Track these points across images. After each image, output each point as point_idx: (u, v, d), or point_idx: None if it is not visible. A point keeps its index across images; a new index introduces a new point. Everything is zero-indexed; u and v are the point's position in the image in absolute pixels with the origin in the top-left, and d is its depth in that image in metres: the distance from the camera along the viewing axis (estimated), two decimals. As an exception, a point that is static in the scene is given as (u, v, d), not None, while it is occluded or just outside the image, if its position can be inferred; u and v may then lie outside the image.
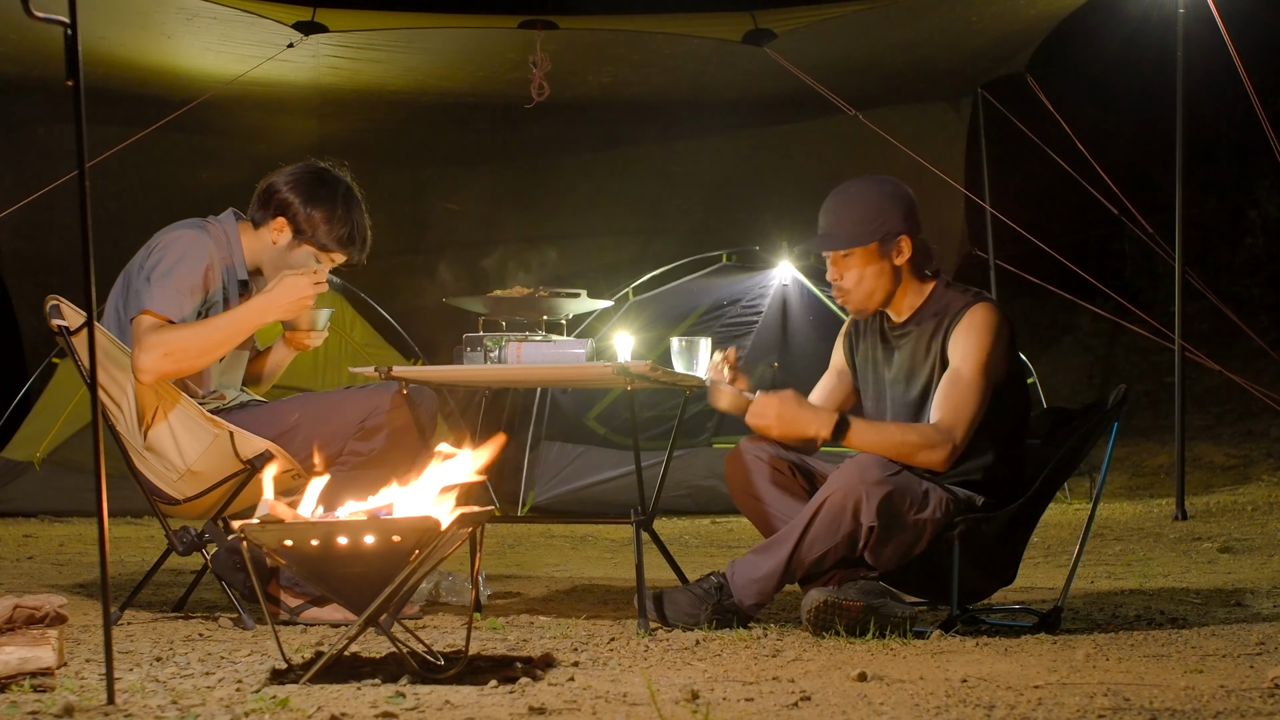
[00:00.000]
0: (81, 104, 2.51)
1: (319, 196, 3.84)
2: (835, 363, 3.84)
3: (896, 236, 3.57)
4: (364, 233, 3.91)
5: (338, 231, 3.84)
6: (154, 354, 3.59)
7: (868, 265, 3.57)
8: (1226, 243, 11.95)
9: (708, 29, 7.78)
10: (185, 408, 3.67)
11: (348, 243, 3.86)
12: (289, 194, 3.83)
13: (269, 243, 3.85)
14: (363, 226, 3.90)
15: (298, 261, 3.82)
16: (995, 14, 7.65)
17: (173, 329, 3.63)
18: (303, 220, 3.82)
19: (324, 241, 3.84)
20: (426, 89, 8.54)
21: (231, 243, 3.84)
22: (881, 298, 3.61)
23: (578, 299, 3.89)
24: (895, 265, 3.59)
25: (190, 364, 3.67)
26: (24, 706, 2.44)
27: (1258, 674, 2.83)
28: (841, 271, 3.61)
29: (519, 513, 7.76)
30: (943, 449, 3.44)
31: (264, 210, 3.86)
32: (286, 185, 3.85)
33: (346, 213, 3.86)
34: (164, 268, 3.68)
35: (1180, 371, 7.04)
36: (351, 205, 3.88)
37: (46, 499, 7.54)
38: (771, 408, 3.47)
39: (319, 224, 3.83)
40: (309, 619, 3.67)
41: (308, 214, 3.82)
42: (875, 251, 3.57)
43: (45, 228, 8.27)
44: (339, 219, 3.84)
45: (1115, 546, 5.90)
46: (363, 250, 3.92)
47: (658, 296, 8.40)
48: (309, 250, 3.84)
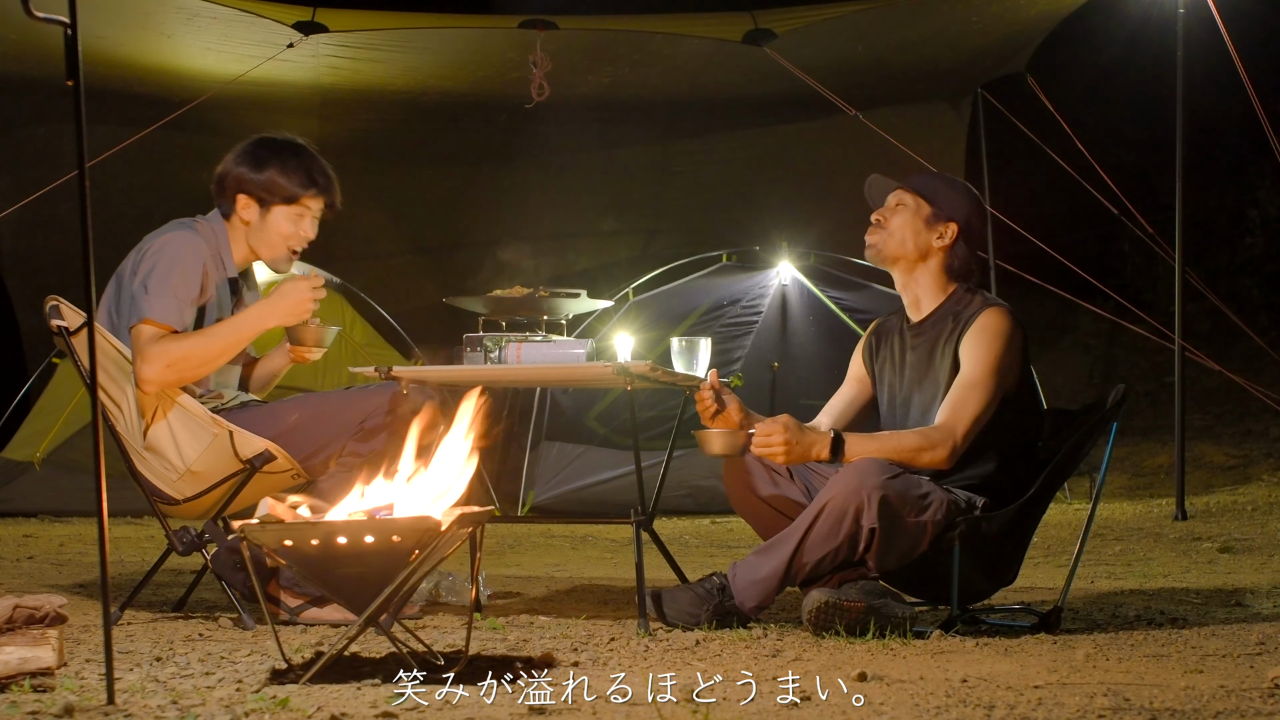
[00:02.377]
0: (81, 104, 2.51)
1: (264, 158, 3.85)
2: (854, 371, 3.85)
3: (948, 220, 3.64)
4: (324, 171, 3.91)
5: (296, 179, 3.84)
6: (157, 365, 3.60)
7: (911, 222, 3.66)
8: (1226, 243, 11.96)
9: (708, 29, 7.78)
10: (185, 407, 3.67)
11: (310, 183, 3.86)
12: (237, 169, 3.85)
13: (244, 225, 3.85)
14: (320, 166, 3.91)
15: (277, 227, 3.83)
16: (995, 14, 7.65)
17: (175, 339, 3.64)
18: (260, 186, 3.83)
19: (289, 193, 3.84)
20: (426, 89, 8.54)
21: (220, 240, 3.84)
22: (901, 256, 3.67)
23: (578, 299, 3.89)
24: (932, 244, 3.64)
25: (193, 373, 3.69)
26: (24, 706, 2.44)
27: (1258, 674, 2.83)
28: (888, 214, 3.69)
29: (519, 513, 7.76)
30: (944, 448, 3.45)
31: (224, 197, 3.87)
32: (233, 163, 3.87)
33: (298, 160, 3.87)
34: (160, 273, 3.67)
35: (1180, 371, 7.04)
36: (300, 152, 3.89)
37: (46, 499, 7.53)
38: (777, 436, 3.46)
39: (276, 180, 3.84)
40: (309, 619, 3.67)
41: (262, 178, 3.83)
42: (925, 216, 3.66)
43: (45, 228, 8.27)
44: (292, 167, 3.85)
45: (1115, 546, 5.90)
46: (330, 188, 3.90)
47: (658, 296, 8.40)
48: (282, 210, 3.84)
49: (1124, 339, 11.06)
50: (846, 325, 7.90)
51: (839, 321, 8.01)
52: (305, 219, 3.87)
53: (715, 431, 3.54)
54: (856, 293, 8.11)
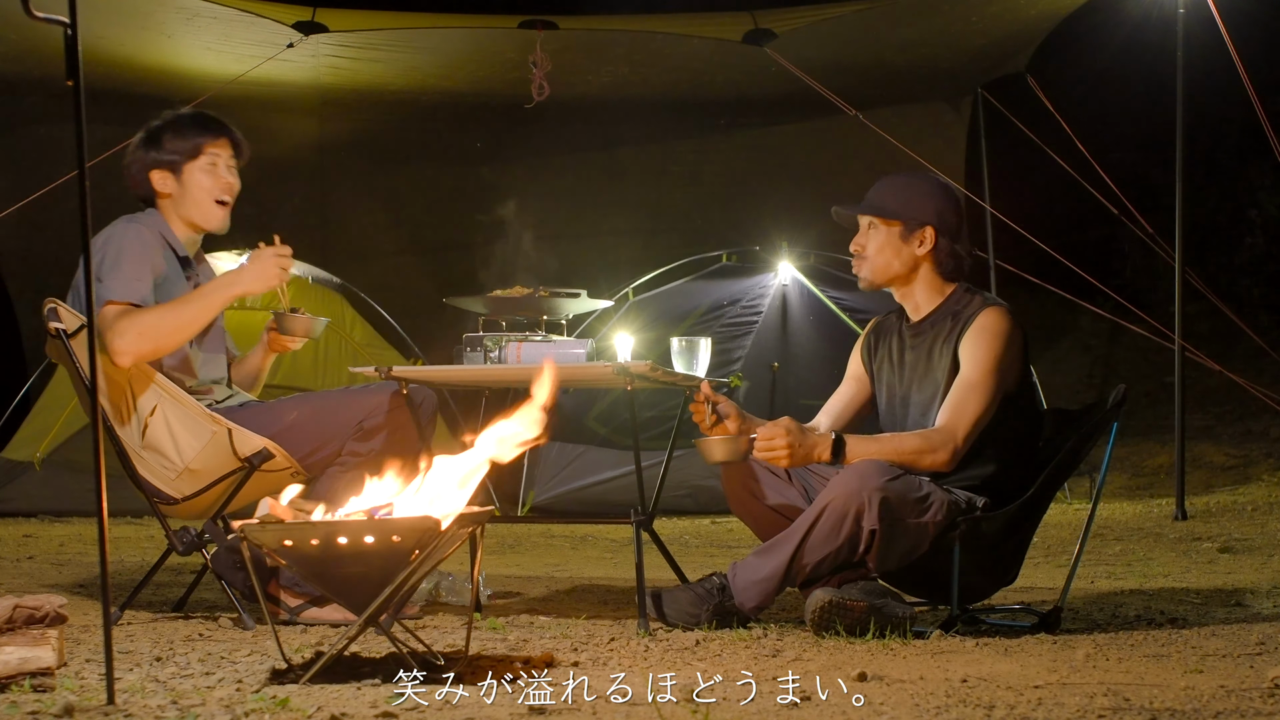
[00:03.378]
0: (81, 104, 2.51)
1: (156, 132, 3.90)
2: (852, 370, 3.84)
3: (922, 226, 3.61)
4: (216, 119, 3.95)
5: (191, 132, 3.88)
6: (128, 336, 3.59)
7: (888, 242, 3.63)
8: (1226, 243, 11.95)
9: (708, 29, 7.78)
10: (184, 405, 3.67)
11: (205, 130, 3.89)
12: (137, 153, 3.89)
13: (169, 200, 3.88)
14: (211, 116, 3.96)
15: (196, 183, 3.86)
16: (995, 14, 7.65)
17: (141, 311, 3.65)
18: (162, 156, 3.87)
19: (189, 145, 3.87)
20: (426, 89, 8.54)
21: (160, 225, 3.87)
22: (891, 278, 3.66)
23: (578, 299, 3.89)
24: (914, 253, 3.62)
25: (165, 342, 3.68)
26: (24, 706, 2.44)
27: (1258, 674, 2.83)
28: (864, 241, 3.67)
29: (519, 513, 7.76)
30: (945, 450, 3.45)
31: (140, 186, 3.90)
32: (133, 150, 3.90)
33: (188, 118, 3.93)
34: (111, 260, 3.69)
35: (1180, 371, 7.04)
36: (188, 114, 3.95)
37: (46, 499, 7.53)
38: (779, 439, 3.45)
39: (172, 141, 3.88)
40: (309, 619, 3.67)
41: (159, 148, 3.87)
42: (898, 232, 3.63)
43: (45, 228, 8.27)
44: (184, 124, 3.90)
45: (1115, 546, 5.90)
46: (226, 129, 3.93)
47: (658, 296, 8.40)
48: (194, 167, 3.86)
49: (1124, 339, 11.05)
50: (846, 325, 7.90)
51: (839, 321, 8.01)
52: (219, 166, 3.90)
53: (716, 439, 3.53)
54: (856, 293, 8.02)
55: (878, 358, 3.76)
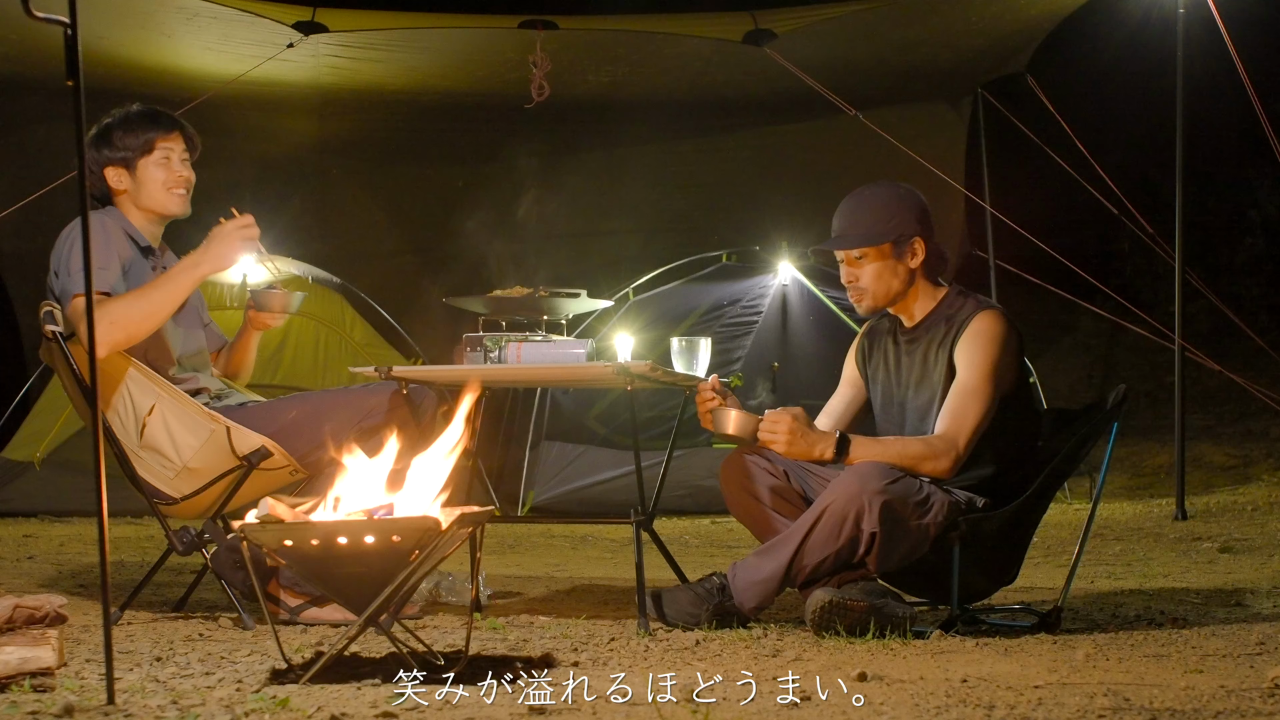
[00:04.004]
0: (81, 104, 2.51)
1: (107, 130, 3.90)
2: (847, 375, 3.83)
3: (910, 239, 3.60)
4: (166, 113, 3.96)
5: (140, 127, 3.89)
6: (100, 325, 3.57)
7: (882, 266, 3.59)
8: (1226, 243, 11.95)
9: (708, 29, 7.78)
10: (182, 404, 3.67)
11: (153, 125, 3.90)
12: (91, 154, 3.88)
13: (126, 196, 3.88)
14: (159, 110, 3.96)
15: (151, 178, 3.87)
16: (995, 14, 7.65)
17: (111, 300, 3.65)
18: (115, 152, 3.87)
19: (141, 141, 3.88)
20: (426, 89, 8.54)
21: (120, 220, 3.87)
22: (893, 298, 3.63)
23: (578, 299, 3.89)
24: (909, 267, 3.61)
25: (138, 329, 3.67)
26: (24, 706, 2.44)
27: (1258, 674, 2.83)
28: (856, 273, 3.62)
29: (519, 513, 7.75)
30: (946, 457, 3.45)
31: (95, 183, 3.90)
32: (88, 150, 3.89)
33: (136, 114, 3.92)
34: (75, 253, 3.69)
35: (1180, 371, 7.04)
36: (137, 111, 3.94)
37: (46, 499, 7.53)
38: (783, 424, 3.46)
39: (122, 138, 3.88)
40: (309, 619, 3.67)
41: (111, 146, 3.88)
42: (889, 252, 3.59)
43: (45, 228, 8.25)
44: (134, 120, 3.90)
45: (1115, 546, 5.90)
46: (176, 123, 3.94)
47: (658, 296, 8.39)
48: (148, 162, 3.87)
49: (1124, 339, 11.06)
50: (846, 325, 7.90)
51: (839, 321, 8.01)
52: (172, 159, 3.90)
53: (732, 410, 3.54)
54: (857, 292, 8.10)
55: (872, 363, 3.76)
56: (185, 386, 3.79)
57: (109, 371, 3.65)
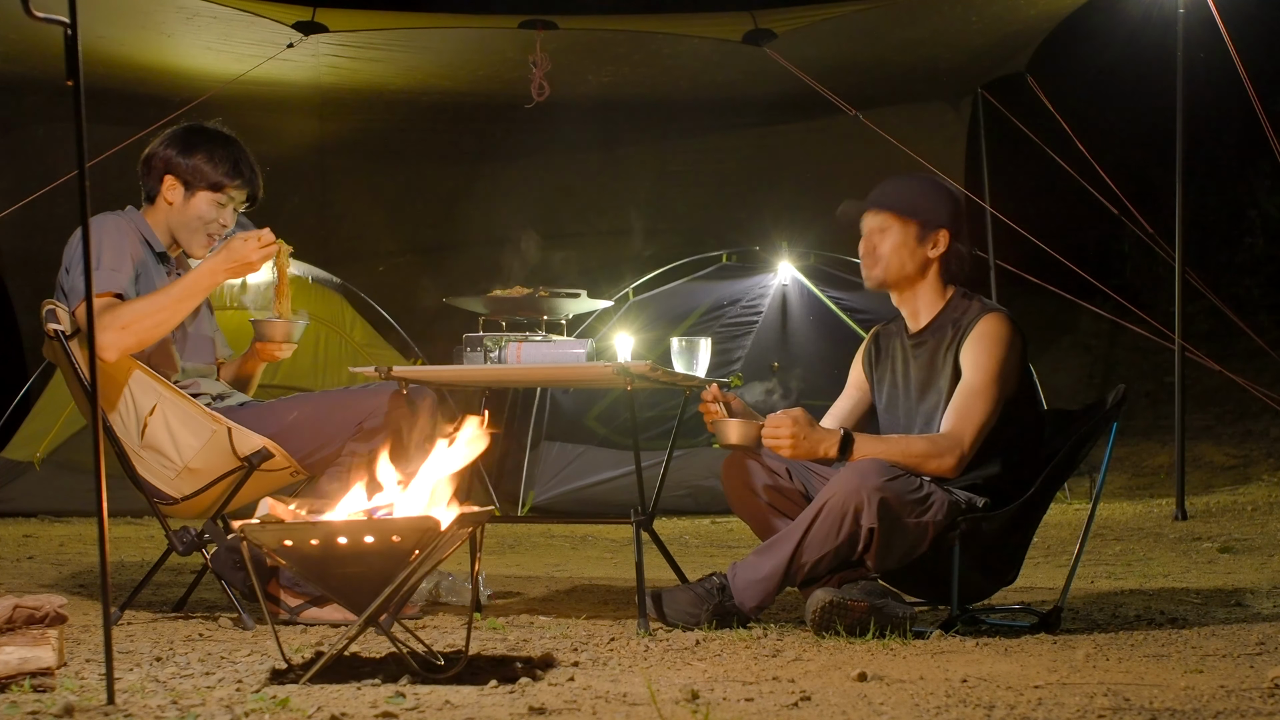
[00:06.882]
0: (81, 104, 2.51)
1: (194, 144, 3.89)
2: (854, 378, 3.84)
3: (938, 228, 3.61)
4: (250, 164, 3.94)
5: (223, 167, 3.88)
6: (111, 330, 3.59)
7: (903, 242, 3.61)
8: (1226, 243, 11.95)
9: (708, 29, 7.78)
10: (183, 404, 3.67)
11: (235, 174, 3.89)
12: (166, 151, 3.88)
13: (167, 207, 3.87)
14: (248, 159, 3.94)
15: (200, 212, 3.86)
16: (995, 14, 7.65)
17: (123, 304, 3.65)
18: (187, 170, 3.86)
19: (213, 180, 3.87)
20: (426, 89, 8.54)
21: (140, 222, 3.87)
22: (902, 278, 3.64)
23: (578, 299, 3.89)
24: (927, 255, 3.62)
25: (148, 334, 3.67)
26: (24, 706, 2.44)
27: (1258, 674, 2.83)
28: (875, 242, 3.64)
29: (519, 513, 7.76)
30: (951, 456, 3.45)
31: (150, 177, 3.89)
32: (163, 146, 3.90)
33: (225, 149, 3.90)
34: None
35: (1180, 371, 7.04)
36: (229, 143, 3.93)
37: (46, 499, 7.53)
38: (786, 427, 3.46)
39: (202, 166, 3.87)
40: (309, 619, 3.67)
41: (189, 163, 3.86)
42: (914, 232, 3.61)
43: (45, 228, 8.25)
44: (220, 156, 3.88)
45: (1115, 546, 5.90)
46: (255, 179, 3.94)
47: (658, 296, 8.40)
48: (206, 196, 3.86)
49: (1124, 339, 11.05)
50: (847, 325, 7.90)
51: (839, 322, 8.01)
52: (227, 208, 3.90)
53: (733, 421, 3.55)
54: (856, 293, 8.10)
55: (880, 368, 3.76)
56: (186, 389, 3.79)
57: (112, 371, 3.65)
